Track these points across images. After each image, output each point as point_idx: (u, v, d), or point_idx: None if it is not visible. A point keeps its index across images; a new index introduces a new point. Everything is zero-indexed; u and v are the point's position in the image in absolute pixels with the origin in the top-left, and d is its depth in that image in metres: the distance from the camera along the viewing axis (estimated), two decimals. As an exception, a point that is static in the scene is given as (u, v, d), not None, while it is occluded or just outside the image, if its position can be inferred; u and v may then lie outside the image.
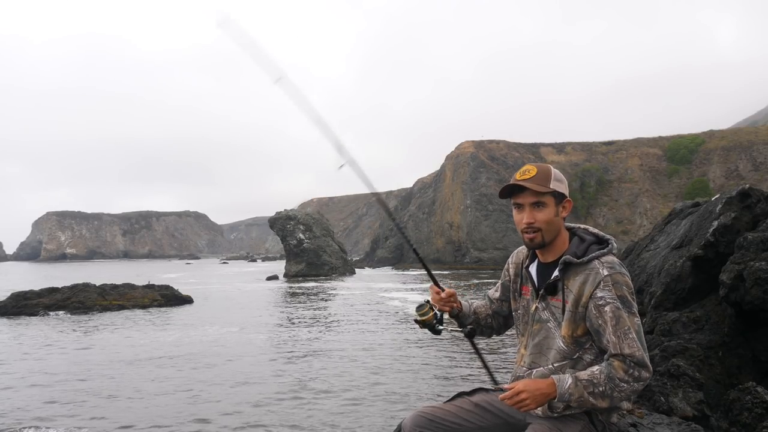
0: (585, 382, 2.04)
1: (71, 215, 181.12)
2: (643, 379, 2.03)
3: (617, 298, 2.04)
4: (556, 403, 2.07)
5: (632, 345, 2.02)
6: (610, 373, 2.03)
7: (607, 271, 2.07)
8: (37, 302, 22.52)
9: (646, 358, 2.03)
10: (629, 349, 2.02)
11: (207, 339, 14.96)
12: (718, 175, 63.88)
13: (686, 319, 4.77)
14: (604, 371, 2.04)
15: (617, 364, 2.03)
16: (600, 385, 2.03)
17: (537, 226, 2.17)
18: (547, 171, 2.18)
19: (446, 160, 73.99)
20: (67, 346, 13.99)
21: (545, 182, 2.16)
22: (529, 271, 2.30)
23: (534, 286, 2.26)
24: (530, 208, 2.17)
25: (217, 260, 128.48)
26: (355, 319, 19.01)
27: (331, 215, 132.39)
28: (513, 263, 2.42)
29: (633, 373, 2.01)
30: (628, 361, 2.02)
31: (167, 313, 21.58)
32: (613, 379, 2.02)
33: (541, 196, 2.16)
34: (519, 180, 2.18)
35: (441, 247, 69.55)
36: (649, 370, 2.03)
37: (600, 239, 2.21)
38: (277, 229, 53.19)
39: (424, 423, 2.26)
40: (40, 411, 8.36)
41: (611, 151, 71.23)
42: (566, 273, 2.15)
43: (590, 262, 2.11)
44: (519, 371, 2.28)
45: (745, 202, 5.12)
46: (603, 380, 2.03)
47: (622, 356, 2.03)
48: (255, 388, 9.58)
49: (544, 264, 2.25)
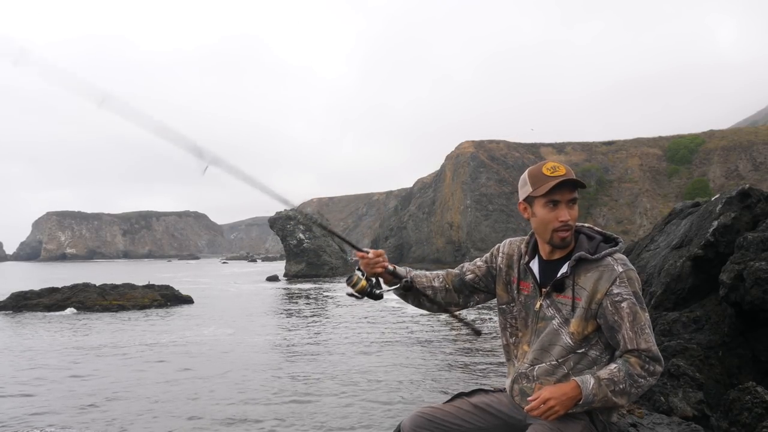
0: (607, 381, 2.02)
1: (71, 215, 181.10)
2: (657, 373, 2.05)
3: (633, 294, 2.05)
4: (580, 405, 2.04)
5: (648, 340, 2.04)
6: (629, 370, 2.03)
7: (622, 268, 2.07)
8: (37, 302, 22.53)
9: (658, 353, 2.06)
10: (645, 344, 2.03)
11: (207, 339, 14.95)
12: (718, 175, 63.86)
13: (686, 319, 4.77)
14: (622, 369, 2.03)
15: (633, 360, 2.04)
16: (621, 382, 2.02)
17: (572, 224, 2.14)
18: (570, 169, 2.18)
19: (446, 160, 73.98)
20: (66, 346, 13.99)
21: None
22: (530, 267, 2.25)
23: (537, 283, 2.23)
24: (566, 205, 2.13)
25: (218, 260, 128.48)
26: (354, 319, 19.00)
27: (331, 215, 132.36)
28: (504, 254, 2.34)
29: (648, 368, 2.03)
30: (644, 357, 2.03)
31: (167, 313, 21.57)
32: (632, 376, 2.02)
33: (576, 192, 2.14)
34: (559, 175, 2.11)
35: (441, 247, 69.56)
36: (661, 364, 2.06)
37: (606, 237, 2.20)
38: (277, 229, 53.19)
39: (423, 424, 2.24)
40: (33, 410, 8.35)
41: (611, 151, 71.20)
42: (577, 270, 2.12)
43: (603, 259, 2.10)
44: (521, 368, 2.24)
45: (745, 202, 5.11)
46: (623, 378, 2.02)
47: (638, 351, 2.03)
48: (254, 387, 9.57)
49: (547, 261, 2.21)
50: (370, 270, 2.32)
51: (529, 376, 2.20)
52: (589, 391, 2.03)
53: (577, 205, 2.17)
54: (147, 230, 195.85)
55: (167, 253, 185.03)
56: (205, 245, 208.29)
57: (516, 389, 2.27)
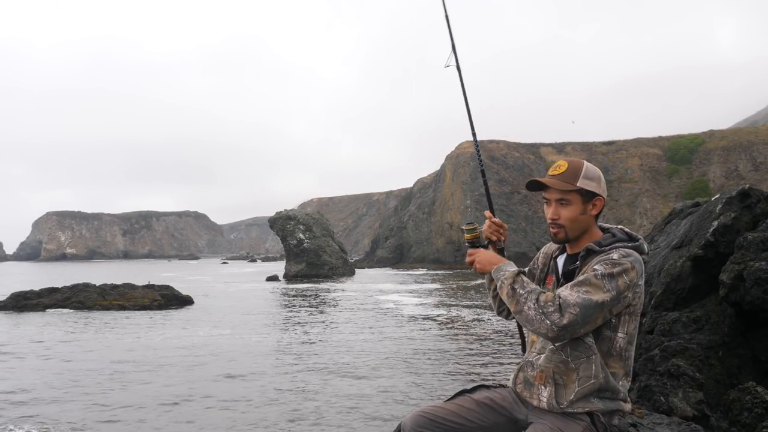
0: (520, 278, 2.11)
1: (71, 215, 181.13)
2: (550, 318, 1.98)
3: (605, 272, 2.03)
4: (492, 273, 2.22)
5: (572, 295, 2.00)
6: (537, 291, 2.06)
7: (617, 255, 2.07)
8: (38, 302, 22.54)
9: (571, 311, 1.97)
10: (566, 294, 2.01)
11: (207, 339, 14.96)
12: (718, 175, 63.87)
13: (686, 319, 4.77)
14: (536, 290, 2.07)
15: (549, 294, 2.05)
16: (524, 289, 2.07)
17: (560, 223, 2.20)
18: (578, 168, 2.19)
19: (446, 160, 74.03)
20: (64, 346, 14.00)
21: (572, 179, 2.17)
22: (556, 261, 2.32)
23: (557, 275, 2.28)
24: (555, 203, 2.20)
25: (218, 260, 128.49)
26: (353, 319, 19.01)
27: (331, 215, 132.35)
28: (543, 253, 2.45)
29: (549, 306, 2.00)
30: (556, 298, 2.01)
31: (167, 313, 21.58)
32: (533, 294, 2.05)
33: (566, 193, 2.17)
34: (549, 175, 2.22)
35: (441, 247, 69.57)
36: (561, 319, 1.97)
37: (632, 238, 2.22)
38: (277, 229, 53.18)
39: (424, 423, 2.24)
40: (28, 409, 8.36)
41: (611, 151, 71.25)
42: (585, 260, 2.16)
43: (610, 250, 2.12)
44: (530, 356, 2.27)
45: (745, 202, 5.11)
46: (528, 290, 2.06)
47: (557, 294, 2.03)
48: (254, 387, 9.58)
49: (570, 255, 2.27)
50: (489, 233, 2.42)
51: (534, 365, 2.22)
52: (503, 272, 2.17)
53: (577, 206, 2.18)
54: (147, 230, 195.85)
55: (167, 253, 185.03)
56: (205, 245, 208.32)
57: (520, 377, 2.29)
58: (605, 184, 2.26)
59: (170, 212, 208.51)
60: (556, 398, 2.14)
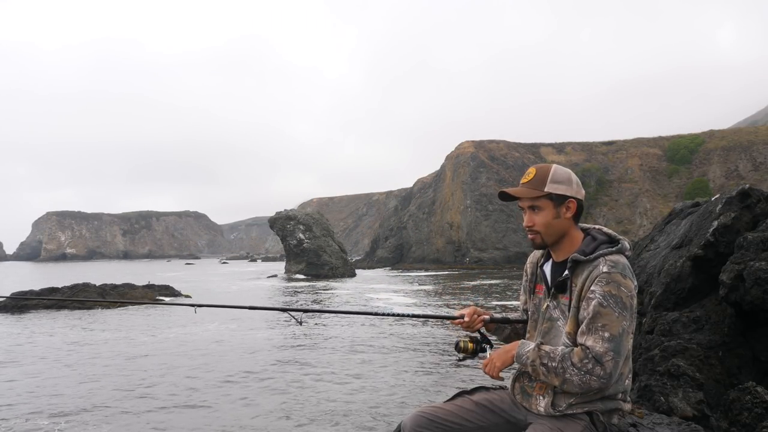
0: (543, 353, 2.09)
1: (71, 215, 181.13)
2: (594, 373, 1.99)
3: (606, 294, 2.03)
4: (515, 359, 2.17)
5: (597, 340, 2.01)
6: (567, 354, 2.05)
7: (607, 269, 2.07)
8: (37, 302, 22.53)
9: (607, 358, 1.98)
10: (593, 342, 2.01)
11: (207, 339, 14.96)
12: (718, 175, 63.84)
13: (686, 319, 4.77)
14: (562, 351, 2.07)
15: (577, 350, 2.04)
16: (554, 361, 2.05)
17: (536, 229, 2.22)
18: (545, 173, 2.19)
19: (446, 160, 73.98)
20: (64, 346, 14.00)
21: (539, 185, 2.18)
22: (543, 269, 2.32)
23: (547, 284, 2.28)
24: (529, 211, 2.23)
25: (217, 260, 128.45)
26: (353, 319, 18.99)
27: (331, 215, 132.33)
28: (530, 263, 2.46)
29: (587, 363, 2.00)
30: (587, 352, 2.01)
31: (167, 313, 21.57)
32: (566, 360, 2.03)
33: (536, 200, 2.19)
34: (520, 183, 2.25)
35: (441, 247, 69.53)
36: (604, 370, 1.99)
37: (612, 239, 2.22)
38: (277, 229, 53.18)
39: (424, 423, 2.25)
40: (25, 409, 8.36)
41: (611, 151, 71.21)
42: (574, 270, 2.16)
43: (596, 260, 2.12)
44: (524, 368, 2.28)
45: (745, 202, 5.11)
46: (558, 358, 2.05)
47: (584, 345, 2.03)
48: (253, 387, 9.58)
49: (556, 263, 2.27)
50: (471, 330, 2.40)
51: (532, 377, 2.22)
52: (524, 352, 2.14)
53: (549, 210, 2.19)
54: (147, 230, 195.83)
55: (167, 253, 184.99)
56: (205, 245, 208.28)
57: (517, 387, 2.29)
58: (579, 185, 2.24)
59: (170, 212, 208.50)
60: (554, 404, 2.14)
